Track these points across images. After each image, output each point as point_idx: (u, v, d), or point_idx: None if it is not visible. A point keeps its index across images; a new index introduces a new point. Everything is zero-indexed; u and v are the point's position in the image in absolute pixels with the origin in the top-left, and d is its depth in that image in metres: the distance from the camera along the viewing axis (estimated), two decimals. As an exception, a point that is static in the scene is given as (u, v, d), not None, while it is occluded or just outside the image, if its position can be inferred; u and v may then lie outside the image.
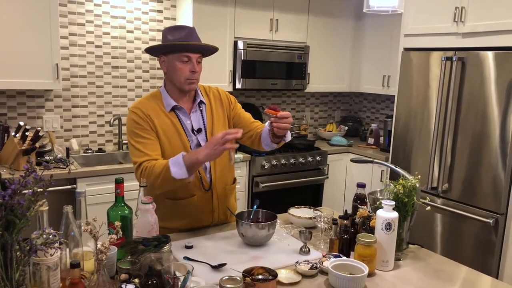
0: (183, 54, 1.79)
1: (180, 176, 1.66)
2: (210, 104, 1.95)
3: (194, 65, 1.80)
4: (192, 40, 1.79)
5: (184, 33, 1.79)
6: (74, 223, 1.36)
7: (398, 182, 1.68)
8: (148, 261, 1.36)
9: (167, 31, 1.83)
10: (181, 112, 1.88)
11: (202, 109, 1.93)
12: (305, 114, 4.57)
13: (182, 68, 1.80)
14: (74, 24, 3.27)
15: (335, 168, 4.04)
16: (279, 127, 1.74)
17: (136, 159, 1.77)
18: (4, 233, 1.04)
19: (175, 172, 1.66)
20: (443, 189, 3.07)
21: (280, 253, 1.70)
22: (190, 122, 1.89)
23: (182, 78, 1.81)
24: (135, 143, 1.79)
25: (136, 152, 1.78)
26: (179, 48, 1.79)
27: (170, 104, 1.86)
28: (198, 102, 1.92)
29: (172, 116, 1.86)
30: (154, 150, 1.78)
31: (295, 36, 3.91)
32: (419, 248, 1.81)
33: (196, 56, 1.81)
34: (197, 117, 1.91)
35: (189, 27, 1.83)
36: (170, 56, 1.81)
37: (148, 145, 1.78)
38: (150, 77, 3.65)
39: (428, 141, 3.19)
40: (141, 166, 1.74)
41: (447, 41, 3.09)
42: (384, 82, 4.03)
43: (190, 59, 1.80)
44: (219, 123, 1.94)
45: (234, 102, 2.04)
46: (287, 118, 1.74)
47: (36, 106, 3.24)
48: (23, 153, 2.76)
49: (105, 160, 3.37)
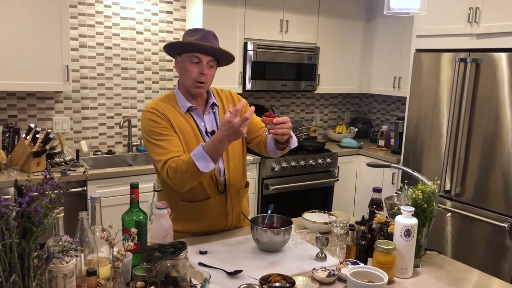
0: (194, 54, 1.76)
1: (208, 169, 1.62)
2: (222, 106, 1.93)
3: (204, 67, 1.77)
4: (208, 40, 1.77)
5: (199, 35, 1.77)
6: (89, 229, 1.34)
7: (417, 187, 1.65)
8: (164, 268, 1.34)
9: (186, 32, 1.82)
10: (196, 114, 1.86)
11: (215, 111, 1.91)
12: (315, 115, 4.54)
13: (192, 70, 1.77)
14: (84, 26, 3.26)
15: (345, 171, 4.00)
16: (276, 133, 1.69)
17: (160, 158, 1.71)
18: (21, 241, 1.02)
19: (202, 166, 1.61)
20: (456, 192, 3.03)
21: (295, 260, 1.67)
22: (204, 124, 1.87)
23: (190, 79, 1.79)
24: (156, 142, 1.74)
25: (159, 150, 1.73)
26: (190, 48, 1.76)
27: (186, 106, 1.84)
28: (210, 104, 1.90)
29: (188, 117, 1.84)
30: (177, 146, 1.74)
31: (305, 37, 3.88)
32: (437, 254, 1.78)
33: (207, 58, 1.77)
34: (210, 119, 1.89)
35: (206, 30, 1.81)
36: (183, 56, 1.79)
37: (170, 142, 1.74)
38: (159, 78, 3.63)
39: (440, 143, 3.15)
40: (166, 164, 1.68)
41: (461, 42, 3.04)
42: (395, 83, 3.99)
43: (200, 61, 1.77)
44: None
45: (246, 105, 2.01)
46: (285, 123, 1.69)
47: (46, 107, 3.23)
48: (34, 155, 2.75)
49: (114, 162, 3.36)
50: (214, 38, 1.81)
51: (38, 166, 2.78)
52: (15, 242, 1.00)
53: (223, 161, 1.87)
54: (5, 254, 0.99)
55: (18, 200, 1.04)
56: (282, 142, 1.80)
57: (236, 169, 1.92)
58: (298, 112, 4.44)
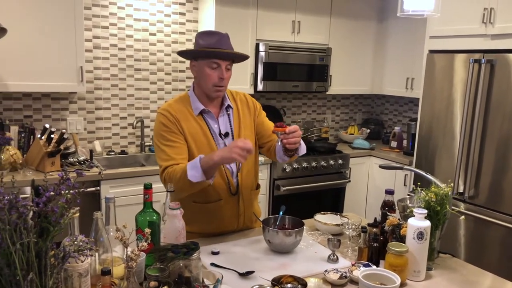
0: (212, 60, 1.78)
1: (196, 179, 1.65)
2: (237, 108, 1.94)
3: (223, 72, 1.79)
4: (223, 46, 1.78)
5: (214, 39, 1.77)
6: (103, 229, 1.36)
7: (430, 189, 1.64)
8: (177, 268, 1.35)
9: (199, 36, 1.82)
10: (209, 116, 1.88)
11: (230, 113, 1.92)
12: (326, 116, 4.53)
13: (211, 74, 1.79)
14: (98, 27, 3.30)
15: (357, 172, 3.99)
16: (289, 142, 1.71)
17: (161, 163, 1.78)
18: (38, 240, 1.04)
19: (192, 175, 1.65)
20: (470, 194, 3.00)
21: (307, 261, 1.67)
22: (218, 126, 1.88)
23: (210, 84, 1.81)
24: (162, 146, 1.80)
25: (162, 155, 1.79)
26: (209, 55, 1.77)
27: (198, 108, 1.85)
28: (225, 107, 1.91)
29: (200, 120, 1.85)
30: (180, 154, 1.78)
31: (317, 38, 3.88)
32: (450, 257, 1.77)
33: (225, 63, 1.80)
34: (225, 121, 1.90)
35: (221, 33, 1.81)
36: (200, 61, 1.80)
37: (175, 149, 1.78)
38: (172, 79, 3.66)
39: (453, 145, 3.12)
40: (165, 171, 1.75)
41: (475, 43, 3.01)
42: (407, 84, 3.97)
43: (219, 66, 1.78)
44: (246, 128, 1.93)
45: (260, 109, 2.02)
46: (296, 132, 1.71)
47: (60, 108, 3.27)
48: (49, 155, 2.79)
49: (127, 162, 3.39)
50: (229, 40, 1.82)
51: (52, 166, 2.82)
52: (33, 241, 1.02)
53: (236, 162, 1.87)
54: (22, 253, 1.00)
55: (36, 200, 1.06)
56: (291, 150, 1.80)
57: (249, 171, 1.93)
58: (309, 113, 4.44)
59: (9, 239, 0.99)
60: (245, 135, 1.90)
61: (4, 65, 2.76)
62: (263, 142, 1.98)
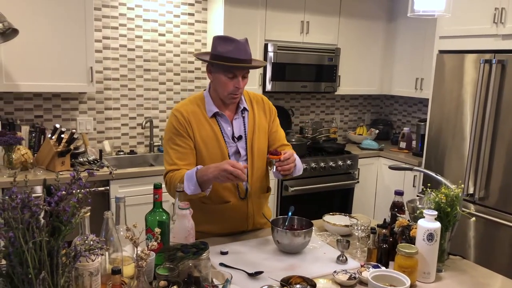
0: (229, 70, 1.74)
1: (191, 192, 1.67)
2: (253, 111, 1.92)
3: (239, 81, 1.76)
4: (241, 55, 1.72)
5: (232, 47, 1.71)
6: (114, 229, 1.37)
7: (440, 191, 1.63)
8: (186, 268, 1.36)
9: (217, 40, 1.77)
10: (223, 119, 1.86)
11: (245, 116, 1.90)
12: (335, 116, 4.52)
13: (227, 83, 1.76)
14: (107, 28, 3.33)
15: (366, 173, 3.97)
16: (283, 169, 1.71)
17: (165, 166, 1.81)
18: (50, 239, 1.05)
19: (187, 187, 1.67)
20: (480, 196, 2.98)
21: (316, 262, 1.67)
22: (231, 129, 1.87)
23: (225, 92, 1.79)
24: (168, 148, 1.81)
25: (167, 158, 1.81)
26: (225, 65, 1.73)
27: (212, 110, 1.84)
28: (241, 110, 1.89)
29: (213, 122, 1.84)
30: (184, 160, 1.78)
31: (326, 38, 3.87)
32: (460, 259, 1.75)
33: (242, 72, 1.76)
34: (239, 124, 1.89)
35: (239, 41, 1.74)
36: (217, 67, 1.76)
37: (180, 154, 1.79)
38: (181, 80, 3.67)
39: (463, 146, 3.10)
40: (167, 175, 1.78)
41: (485, 43, 2.99)
42: (417, 84, 3.94)
43: (235, 76, 1.75)
44: (260, 132, 1.91)
45: (275, 115, 2.00)
46: (290, 159, 1.71)
47: (70, 108, 3.30)
48: (59, 155, 2.82)
49: (136, 162, 3.41)
50: (248, 46, 1.77)
51: (62, 166, 2.85)
52: (45, 240, 1.03)
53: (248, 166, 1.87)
54: (35, 251, 1.02)
55: (48, 199, 1.07)
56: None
57: (259, 176, 1.92)
58: (318, 113, 4.43)
59: (21, 238, 1.00)
60: (258, 138, 1.89)
61: (15, 66, 2.79)
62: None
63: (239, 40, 1.75)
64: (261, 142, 1.90)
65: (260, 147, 1.88)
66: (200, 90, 3.73)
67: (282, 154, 1.70)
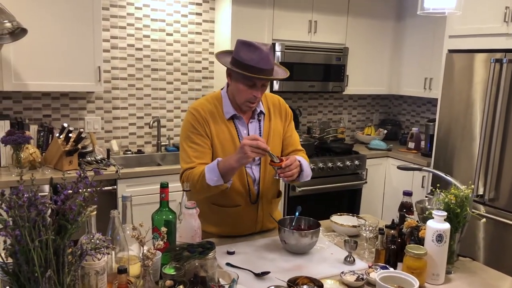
0: (249, 79, 1.70)
1: (214, 183, 1.66)
2: (269, 113, 1.90)
3: (258, 91, 1.73)
4: (264, 65, 1.67)
5: (255, 55, 1.66)
6: (120, 228, 1.37)
7: (450, 191, 1.60)
8: (192, 267, 1.35)
9: (241, 45, 1.71)
10: (240, 122, 1.84)
11: (261, 119, 1.89)
12: (343, 116, 4.49)
13: (245, 91, 1.73)
14: (115, 27, 3.33)
15: (374, 173, 3.94)
16: (286, 175, 1.68)
17: (182, 164, 1.78)
18: (56, 237, 1.05)
19: (210, 178, 1.65)
20: (490, 197, 2.94)
21: (323, 262, 1.66)
22: (247, 132, 1.85)
23: (242, 99, 1.76)
24: (186, 147, 1.79)
25: (184, 157, 1.78)
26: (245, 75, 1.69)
27: (230, 112, 1.82)
28: (257, 113, 1.87)
29: (230, 124, 1.83)
30: (201, 159, 1.76)
31: (334, 37, 3.85)
32: (470, 260, 1.73)
33: (262, 81, 1.73)
34: (254, 127, 1.87)
35: (263, 50, 1.67)
36: (237, 73, 1.72)
37: (198, 152, 1.77)
38: (188, 79, 3.67)
39: (473, 146, 3.06)
40: (184, 173, 1.76)
41: (496, 42, 2.95)
42: (426, 84, 3.91)
43: (254, 84, 1.72)
44: (275, 135, 1.89)
45: (290, 118, 1.98)
46: (292, 165, 1.67)
47: (78, 107, 3.31)
48: (67, 154, 2.83)
49: (144, 162, 3.42)
50: (271, 55, 1.71)
51: (70, 165, 2.86)
52: (51, 238, 1.03)
53: (260, 170, 1.86)
54: (41, 250, 1.01)
55: (54, 198, 1.07)
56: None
57: (271, 180, 1.90)
58: (325, 113, 4.41)
59: (28, 236, 1.00)
60: (273, 142, 1.87)
61: (24, 65, 2.81)
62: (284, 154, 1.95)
63: (263, 48, 1.67)
64: (276, 146, 1.89)
65: (274, 151, 1.86)
66: (207, 90, 3.74)
67: (284, 160, 1.67)
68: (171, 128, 3.68)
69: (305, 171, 1.80)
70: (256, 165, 1.85)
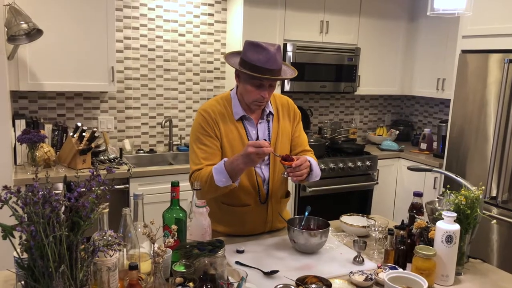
0: (256, 79, 1.72)
1: (223, 184, 1.68)
2: (277, 114, 1.92)
3: (266, 91, 1.75)
4: (272, 66, 1.68)
5: (262, 55, 1.67)
6: (131, 225, 1.39)
7: (460, 192, 1.60)
8: (202, 265, 1.37)
9: (248, 46, 1.72)
10: (249, 122, 1.86)
11: (270, 119, 1.90)
12: (354, 117, 4.48)
13: (253, 91, 1.75)
14: (128, 28, 3.38)
15: (385, 174, 3.92)
16: (295, 175, 1.68)
17: (192, 165, 1.81)
18: (69, 233, 1.08)
19: (218, 179, 1.67)
20: (503, 199, 2.91)
21: (332, 262, 1.66)
22: (256, 133, 1.87)
23: (250, 99, 1.78)
24: (195, 148, 1.81)
25: (194, 158, 1.81)
26: (252, 76, 1.70)
27: (239, 113, 1.84)
28: (266, 114, 1.89)
29: (239, 125, 1.84)
30: (210, 160, 1.78)
31: (345, 38, 3.84)
32: (481, 262, 1.72)
33: (269, 82, 1.74)
34: (263, 128, 1.88)
35: (270, 50, 1.68)
36: (244, 74, 1.74)
37: (206, 154, 1.78)
38: (200, 80, 3.70)
39: (486, 147, 3.03)
40: (194, 174, 1.78)
41: (510, 43, 2.92)
42: (438, 85, 3.88)
43: (262, 85, 1.74)
44: (283, 136, 1.90)
45: (299, 119, 1.99)
46: (302, 165, 1.68)
47: (92, 107, 3.37)
48: (80, 153, 2.87)
49: (156, 161, 3.45)
50: (279, 55, 1.71)
51: (84, 163, 2.90)
52: (64, 234, 1.06)
53: (269, 170, 1.87)
54: (55, 245, 1.04)
55: (68, 195, 1.10)
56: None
57: (280, 180, 1.92)
58: (337, 113, 4.40)
59: (42, 232, 1.03)
60: (282, 143, 1.89)
61: (40, 65, 2.86)
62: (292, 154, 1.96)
63: (270, 48, 1.68)
64: (284, 146, 1.90)
65: (283, 151, 1.87)
66: (219, 90, 3.76)
67: (294, 160, 1.68)
68: (183, 128, 3.71)
69: (314, 171, 1.81)
70: (266, 165, 1.87)
